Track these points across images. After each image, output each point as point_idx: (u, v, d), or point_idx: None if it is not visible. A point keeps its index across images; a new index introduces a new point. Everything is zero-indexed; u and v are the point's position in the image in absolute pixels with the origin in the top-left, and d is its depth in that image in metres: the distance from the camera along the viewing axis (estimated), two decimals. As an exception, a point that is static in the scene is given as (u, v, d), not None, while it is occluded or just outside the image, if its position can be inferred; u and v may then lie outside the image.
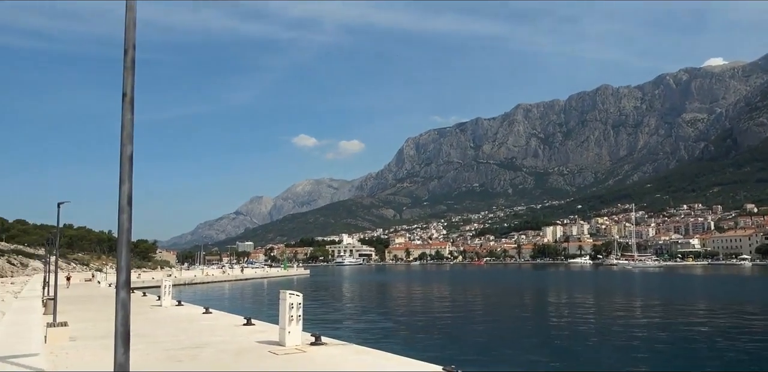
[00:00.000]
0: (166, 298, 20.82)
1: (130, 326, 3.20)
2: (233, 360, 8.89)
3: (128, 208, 3.24)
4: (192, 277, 77.63)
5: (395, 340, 19.43)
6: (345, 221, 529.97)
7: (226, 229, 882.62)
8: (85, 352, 9.96)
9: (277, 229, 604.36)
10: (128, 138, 3.35)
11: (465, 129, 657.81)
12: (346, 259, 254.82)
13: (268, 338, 11.07)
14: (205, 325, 13.99)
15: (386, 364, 8.26)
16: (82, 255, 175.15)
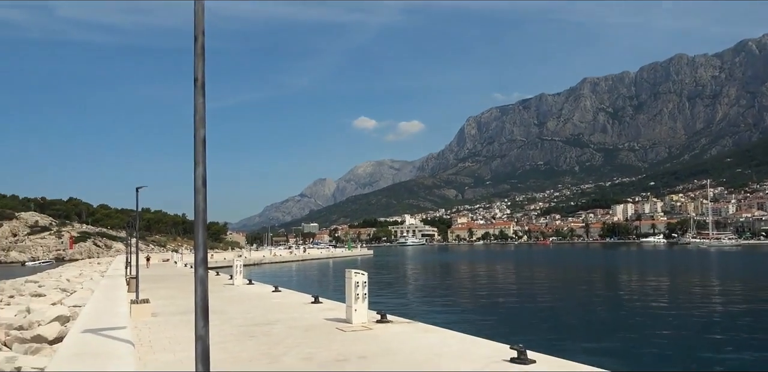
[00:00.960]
0: (237, 277, 21.74)
1: (207, 302, 3.39)
2: (303, 336, 9.21)
3: (203, 189, 3.39)
4: (261, 258, 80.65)
5: (460, 320, 19.48)
6: (407, 202, 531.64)
7: (292, 210, 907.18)
8: (166, 326, 10.63)
9: (341, 210, 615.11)
10: (201, 121, 3.48)
11: (528, 106, 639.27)
12: (409, 240, 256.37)
13: (335, 316, 11.37)
14: (275, 303, 14.52)
15: (452, 342, 8.31)
16: (159, 237, 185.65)
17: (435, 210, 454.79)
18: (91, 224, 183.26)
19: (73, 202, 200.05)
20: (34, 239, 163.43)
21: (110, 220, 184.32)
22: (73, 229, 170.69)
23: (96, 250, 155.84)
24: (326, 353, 7.71)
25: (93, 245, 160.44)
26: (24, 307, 12.81)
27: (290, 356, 7.58)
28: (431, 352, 7.55)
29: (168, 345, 8.66)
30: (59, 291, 18.64)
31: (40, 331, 8.75)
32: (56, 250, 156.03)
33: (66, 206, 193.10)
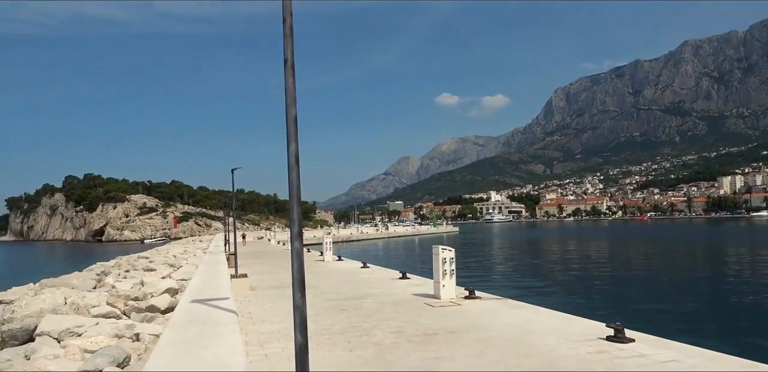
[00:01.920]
0: (327, 253, 22.48)
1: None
2: (392, 310, 9.39)
3: (296, 166, 3.48)
4: (348, 235, 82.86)
5: (550, 297, 19.05)
6: (492, 178, 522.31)
7: (377, 189, 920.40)
8: (263, 299, 11.25)
9: (425, 188, 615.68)
10: (291, 100, 3.57)
11: (622, 74, 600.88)
12: (495, 216, 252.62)
13: (422, 291, 11.48)
14: (363, 279, 14.88)
15: (543, 319, 8.14)
16: (253, 216, 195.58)
17: (522, 186, 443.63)
18: (191, 205, 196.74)
19: (175, 184, 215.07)
20: (143, 219, 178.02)
21: (209, 201, 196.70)
22: (177, 210, 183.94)
23: (197, 229, 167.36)
24: (415, 327, 7.83)
25: (194, 224, 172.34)
26: (138, 281, 14.05)
27: (381, 329, 7.76)
28: (522, 329, 7.45)
29: (266, 316, 9.17)
30: (167, 266, 20.23)
31: (153, 302, 9.58)
32: (162, 229, 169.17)
33: (169, 189, 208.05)
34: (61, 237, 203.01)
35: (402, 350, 6.48)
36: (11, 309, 9.44)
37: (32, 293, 11.68)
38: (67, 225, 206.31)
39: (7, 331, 7.73)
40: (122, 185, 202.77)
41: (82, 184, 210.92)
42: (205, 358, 3.44)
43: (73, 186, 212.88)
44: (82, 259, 54.55)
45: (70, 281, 14.39)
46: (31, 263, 71.63)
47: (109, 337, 7.05)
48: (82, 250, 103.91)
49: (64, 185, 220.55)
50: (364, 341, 7.04)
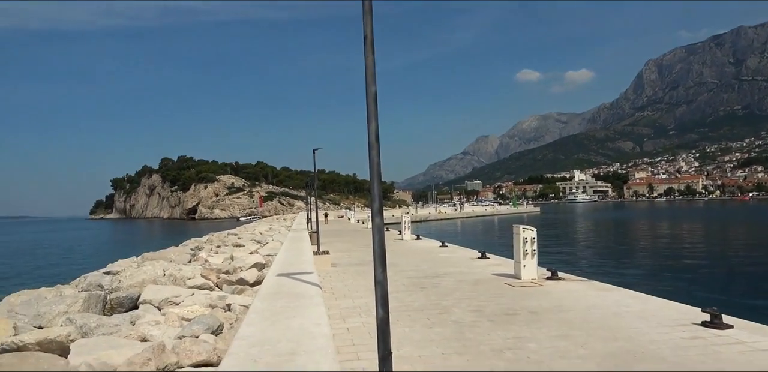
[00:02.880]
0: (406, 232, 22.67)
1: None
2: (471, 289, 9.34)
3: (376, 144, 3.50)
4: (426, 215, 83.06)
5: (639, 281, 18.20)
6: (576, 156, 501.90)
7: (455, 168, 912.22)
8: (344, 275, 11.56)
9: (505, 167, 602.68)
10: (371, 78, 3.56)
11: (722, 42, 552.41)
12: (579, 196, 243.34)
13: (502, 271, 11.33)
14: (442, 257, 14.89)
15: (632, 303, 7.79)
16: (333, 196, 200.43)
17: (608, 164, 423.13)
18: (275, 185, 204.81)
19: (260, 165, 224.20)
20: (231, 198, 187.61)
21: (291, 181, 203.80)
22: (262, 190, 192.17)
23: (281, 208, 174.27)
24: (495, 307, 7.75)
25: (278, 203, 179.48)
26: (228, 256, 14.87)
27: (460, 307, 7.75)
28: (608, 312, 7.17)
29: (347, 292, 9.43)
30: (254, 242, 21.24)
31: (242, 276, 10.11)
32: (249, 207, 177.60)
33: (255, 169, 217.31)
34: (159, 215, 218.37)
35: (482, 329, 6.46)
36: (118, 279, 10.31)
37: (135, 265, 12.69)
38: (163, 204, 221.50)
39: (115, 299, 8.46)
40: (212, 166, 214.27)
41: (176, 165, 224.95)
42: (291, 327, 3.60)
43: (168, 167, 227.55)
44: (178, 236, 58.51)
45: (167, 255, 15.49)
46: (133, 238, 77.87)
47: (203, 306, 7.54)
48: (177, 227, 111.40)
49: (160, 167, 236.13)
50: (444, 319, 7.07)
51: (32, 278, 27.63)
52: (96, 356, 4.79)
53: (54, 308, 7.59)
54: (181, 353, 4.65)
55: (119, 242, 68.44)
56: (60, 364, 5.19)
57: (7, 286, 22.17)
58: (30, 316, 7.48)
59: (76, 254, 48.05)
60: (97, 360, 4.73)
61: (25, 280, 25.79)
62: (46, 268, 35.38)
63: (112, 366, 4.58)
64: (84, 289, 10.35)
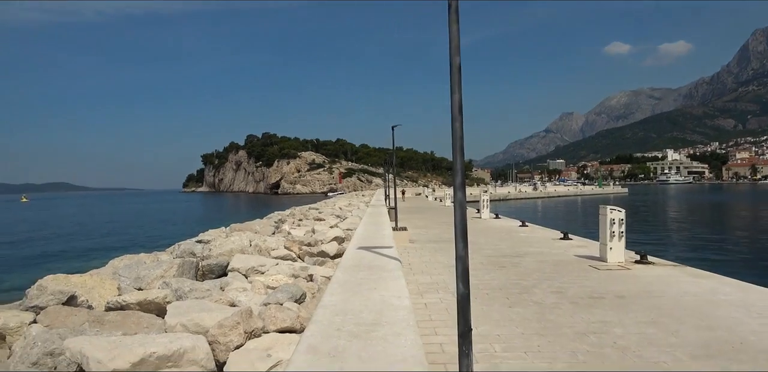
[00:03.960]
0: (484, 211, 22.35)
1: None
2: (553, 270, 9.08)
3: (459, 116, 3.40)
4: (506, 194, 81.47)
5: (737, 268, 16.95)
6: (669, 135, 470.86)
7: (536, 147, 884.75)
8: (422, 252, 11.60)
9: (590, 145, 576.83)
10: (456, 49, 3.45)
11: None
12: (672, 177, 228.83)
13: (587, 253, 10.91)
14: (522, 237, 14.57)
15: (729, 291, 7.24)
16: (411, 173, 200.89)
17: (705, 144, 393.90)
18: (354, 162, 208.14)
19: (340, 142, 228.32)
20: (312, 175, 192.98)
21: (370, 158, 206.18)
22: (341, 166, 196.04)
23: (359, 184, 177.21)
24: (578, 289, 7.49)
25: (357, 180, 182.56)
26: (310, 229, 15.35)
27: (540, 288, 7.57)
28: (703, 299, 6.72)
29: (425, 268, 9.46)
30: (334, 217, 21.77)
31: (323, 248, 10.42)
32: (329, 184, 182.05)
33: (335, 146, 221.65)
34: (244, 189, 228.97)
35: (564, 311, 6.27)
36: (208, 247, 10.95)
37: (224, 235, 13.41)
38: (248, 178, 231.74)
39: (206, 266, 9.00)
40: (294, 143, 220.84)
41: (260, 142, 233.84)
42: (373, 298, 3.65)
43: (253, 144, 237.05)
44: (262, 209, 61.20)
45: (253, 227, 16.24)
46: (221, 210, 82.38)
47: (286, 276, 7.85)
48: (261, 201, 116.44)
49: (246, 143, 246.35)
50: (523, 299, 6.93)
51: (133, 244, 30.01)
52: (190, 318, 5.12)
53: (152, 272, 8.19)
54: (266, 319, 4.87)
55: (209, 214, 72.65)
56: (158, 324, 5.60)
57: (111, 251, 24.23)
58: (131, 278, 8.12)
59: (170, 224, 51.58)
60: (191, 321, 5.05)
61: (127, 246, 28.04)
62: (144, 236, 38.29)
63: (204, 328, 4.87)
64: (178, 256, 11.09)
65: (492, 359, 4.60)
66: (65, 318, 5.93)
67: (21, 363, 4.65)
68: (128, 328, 5.50)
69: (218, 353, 4.38)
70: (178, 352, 4.10)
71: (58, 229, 48.81)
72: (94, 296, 7.08)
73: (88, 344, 4.25)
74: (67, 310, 6.10)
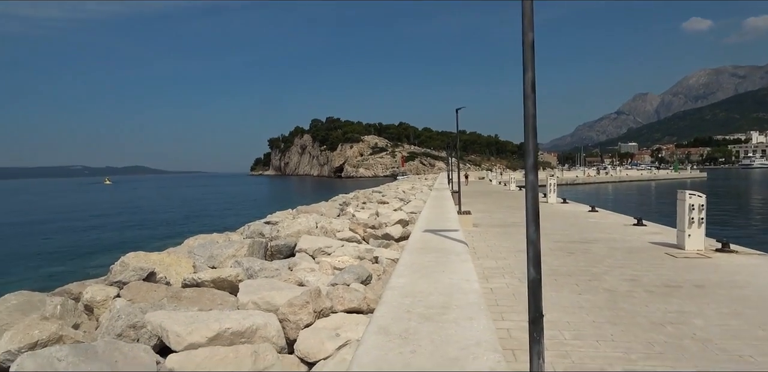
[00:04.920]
0: (551, 195, 21.74)
1: (520, 218, 3.40)
2: (625, 257, 8.72)
3: (532, 94, 3.28)
4: (573, 178, 78.90)
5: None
6: (754, 116, 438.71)
7: (607, 129, 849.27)
8: (486, 236, 11.42)
9: (665, 127, 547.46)
10: (529, 24, 3.31)
11: None
12: (756, 161, 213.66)
13: (662, 240, 10.40)
14: (591, 223, 14.07)
15: (825, 283, 6.71)
16: (474, 157, 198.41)
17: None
18: (417, 145, 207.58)
19: (402, 126, 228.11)
20: (374, 158, 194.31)
21: (432, 142, 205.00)
22: (404, 150, 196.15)
23: (422, 168, 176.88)
24: (653, 277, 7.16)
25: (419, 163, 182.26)
26: (374, 211, 15.49)
27: (612, 276, 7.29)
28: (794, 291, 6.25)
29: (490, 252, 9.32)
30: (398, 200, 21.86)
31: (387, 231, 10.49)
32: (391, 167, 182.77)
33: (397, 130, 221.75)
34: (309, 172, 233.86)
35: (638, 299, 6.01)
36: (276, 229, 11.26)
37: (291, 217, 13.75)
38: (313, 162, 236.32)
39: (275, 246, 9.27)
40: (357, 127, 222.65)
41: (324, 126, 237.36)
42: (441, 281, 3.62)
43: (317, 128, 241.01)
44: (326, 192, 62.35)
45: (319, 209, 16.56)
46: (287, 193, 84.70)
47: (352, 258, 7.97)
48: (325, 184, 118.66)
49: (311, 127, 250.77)
50: (594, 286, 6.70)
51: (205, 224, 31.43)
52: (261, 296, 5.30)
53: (224, 251, 8.52)
54: (334, 299, 4.96)
55: (276, 196, 74.87)
56: (231, 301, 5.83)
57: (186, 231, 25.47)
58: (205, 257, 8.49)
59: (239, 205, 53.60)
60: (262, 299, 5.22)
61: (200, 226, 29.38)
62: (215, 216, 40.00)
63: (274, 306, 5.03)
64: (248, 236, 11.49)
65: (562, 347, 4.48)
66: (146, 293, 6.29)
67: (107, 334, 4.97)
68: (203, 305, 5.75)
69: (288, 331, 4.51)
70: (251, 329, 4.25)
71: (138, 209, 51.90)
72: (171, 273, 7.45)
73: (167, 319, 4.48)
74: (147, 286, 6.47)
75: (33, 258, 21.87)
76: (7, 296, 5.86)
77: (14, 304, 5.69)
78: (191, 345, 4.09)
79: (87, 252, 23.10)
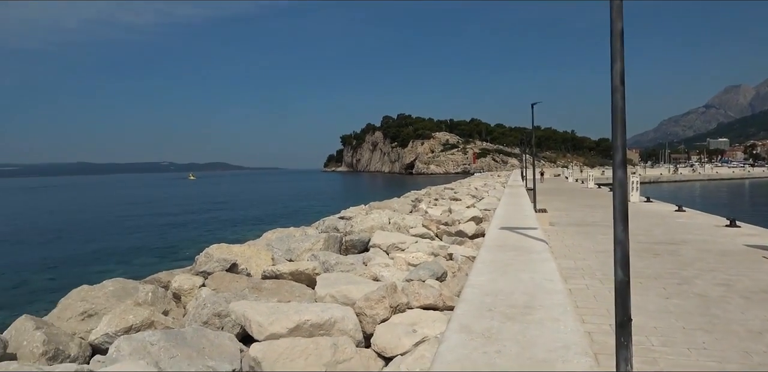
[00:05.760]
0: (634, 194, 20.74)
1: (611, 216, 3.24)
2: (717, 260, 8.16)
3: (621, 87, 3.13)
4: (657, 176, 74.86)
5: None
6: None
7: (694, 124, 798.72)
8: (563, 235, 11.04)
9: (761, 122, 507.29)
10: (617, 12, 3.15)
11: None
12: None
13: (759, 243, 9.65)
14: (679, 223, 13.29)
15: None
16: (549, 153, 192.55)
17: None
18: (489, 142, 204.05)
19: (474, 122, 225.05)
20: (446, 155, 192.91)
21: (505, 138, 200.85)
22: (475, 146, 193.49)
23: (494, 165, 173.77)
24: (749, 283, 6.65)
25: (491, 160, 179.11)
26: (446, 208, 15.39)
27: (703, 280, 6.84)
28: None
29: (567, 252, 9.00)
30: (470, 197, 21.59)
31: (461, 228, 10.38)
32: (462, 164, 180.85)
33: (469, 126, 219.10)
34: (380, 169, 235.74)
35: (733, 306, 5.61)
36: (350, 224, 11.44)
37: (364, 213, 13.92)
38: (384, 159, 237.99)
39: (349, 241, 9.42)
40: (428, 123, 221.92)
41: (395, 123, 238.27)
42: (522, 280, 3.53)
43: (389, 125, 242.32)
44: (398, 188, 62.67)
45: (391, 205, 16.66)
46: (359, 189, 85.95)
47: (426, 254, 7.95)
48: (397, 181, 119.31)
49: (382, 124, 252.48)
50: (683, 290, 6.32)
51: (282, 218, 32.51)
52: (338, 290, 5.40)
53: (301, 245, 8.76)
54: (410, 295, 4.97)
55: (348, 192, 76.17)
56: (308, 293, 5.98)
57: (263, 224, 26.44)
58: (283, 250, 8.76)
59: (313, 200, 55.00)
60: (339, 293, 5.32)
61: (277, 220, 30.41)
62: (291, 210, 41.26)
63: (351, 299, 5.11)
64: (323, 231, 11.75)
65: (649, 353, 4.26)
66: (228, 283, 6.57)
67: (194, 321, 5.24)
68: (282, 296, 5.94)
69: (365, 325, 4.57)
70: (330, 322, 4.35)
71: (220, 203, 54.51)
72: (251, 265, 7.75)
73: (250, 309, 4.67)
74: (230, 276, 6.76)
75: (125, 247, 23.52)
76: (104, 283, 6.31)
77: (111, 290, 6.11)
78: (272, 335, 4.23)
79: (172, 243, 24.58)
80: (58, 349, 4.73)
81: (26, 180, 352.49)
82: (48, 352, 4.64)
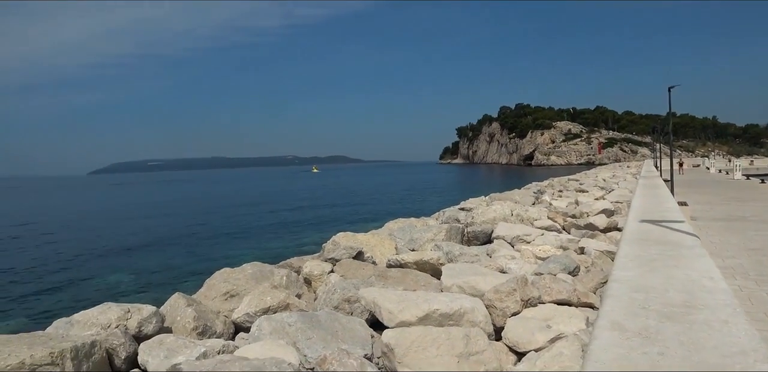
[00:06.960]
0: (737, 173, 18.31)
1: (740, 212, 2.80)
2: None
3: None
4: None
5: None
6: None
7: None
8: (708, 231, 9.99)
9: None
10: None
11: None
12: None
13: None
14: None
15: None
16: (686, 142, 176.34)
17: None
18: (616, 131, 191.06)
19: (599, 110, 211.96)
20: (568, 145, 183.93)
21: (635, 126, 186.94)
22: (601, 136, 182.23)
23: (622, 155, 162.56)
24: None
25: (619, 150, 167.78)
26: (572, 200, 14.63)
27: None
28: None
29: (714, 249, 8.14)
30: (598, 188, 20.35)
31: (591, 221, 9.79)
32: (586, 154, 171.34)
33: (593, 115, 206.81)
34: (498, 161, 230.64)
35: None
36: (471, 215, 11.27)
37: (485, 204, 13.65)
38: (502, 150, 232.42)
39: (471, 232, 9.27)
40: (548, 113, 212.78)
41: (513, 113, 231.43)
42: (676, 276, 3.21)
43: (506, 115, 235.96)
44: (517, 180, 60.95)
45: (512, 196, 16.17)
46: (477, 180, 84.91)
47: (554, 247, 7.59)
48: (515, 172, 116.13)
49: (499, 115, 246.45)
50: None
51: (401, 208, 33.11)
52: (465, 280, 5.32)
53: (423, 235, 8.77)
54: (541, 289, 4.75)
55: (465, 183, 75.54)
56: (434, 283, 5.96)
57: (384, 214, 27.04)
58: (405, 240, 8.84)
59: (432, 191, 55.31)
60: (467, 284, 5.23)
61: (397, 210, 30.94)
62: (410, 201, 41.83)
63: (479, 291, 5.00)
64: (444, 222, 11.70)
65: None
66: (355, 270, 6.76)
67: (325, 305, 5.44)
68: (407, 285, 5.98)
69: (495, 318, 4.45)
70: (459, 312, 4.28)
71: (342, 194, 56.81)
72: (376, 253, 7.91)
73: (379, 295, 4.74)
74: (356, 264, 6.95)
75: (259, 234, 25.33)
76: (244, 266, 6.77)
77: (250, 273, 6.54)
78: (402, 322, 4.26)
79: (300, 229, 26.10)
80: (206, 325, 5.16)
81: (172, 173, 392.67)
82: (198, 327, 5.08)
